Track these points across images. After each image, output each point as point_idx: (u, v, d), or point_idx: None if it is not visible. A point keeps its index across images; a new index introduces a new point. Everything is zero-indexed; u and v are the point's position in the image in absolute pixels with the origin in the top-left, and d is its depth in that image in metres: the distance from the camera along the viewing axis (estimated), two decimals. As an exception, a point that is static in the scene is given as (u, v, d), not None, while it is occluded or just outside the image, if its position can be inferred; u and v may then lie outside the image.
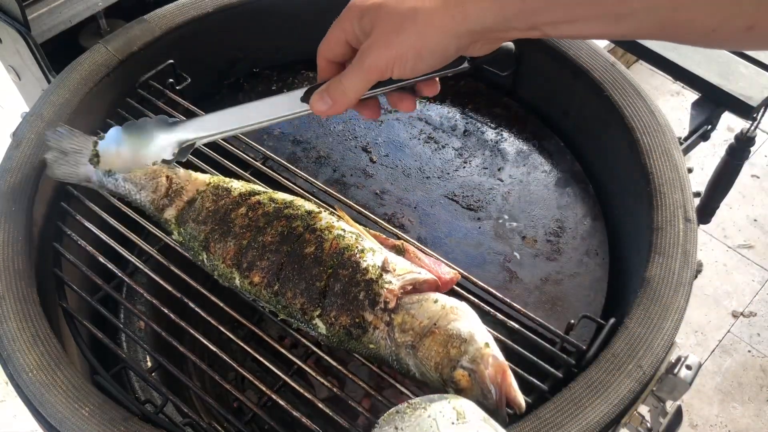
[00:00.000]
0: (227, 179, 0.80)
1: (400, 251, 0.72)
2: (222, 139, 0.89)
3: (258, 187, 0.79)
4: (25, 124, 0.84)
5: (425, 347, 0.63)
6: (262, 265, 0.70)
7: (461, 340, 0.62)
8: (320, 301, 0.67)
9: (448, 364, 0.61)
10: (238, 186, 0.78)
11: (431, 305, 0.65)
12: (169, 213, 0.78)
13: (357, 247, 0.69)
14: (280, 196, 0.77)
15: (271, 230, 0.71)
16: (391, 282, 0.66)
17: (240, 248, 0.72)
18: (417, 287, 0.68)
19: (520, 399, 0.61)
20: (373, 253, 0.69)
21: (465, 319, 0.64)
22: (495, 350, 0.62)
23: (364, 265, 0.68)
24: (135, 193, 0.79)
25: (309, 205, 0.75)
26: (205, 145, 0.87)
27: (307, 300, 0.68)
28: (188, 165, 0.86)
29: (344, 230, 0.72)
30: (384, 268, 0.67)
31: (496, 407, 0.60)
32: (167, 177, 0.79)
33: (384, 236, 0.75)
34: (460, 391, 0.61)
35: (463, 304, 0.67)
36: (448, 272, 0.70)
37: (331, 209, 0.78)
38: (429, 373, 0.63)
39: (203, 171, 0.85)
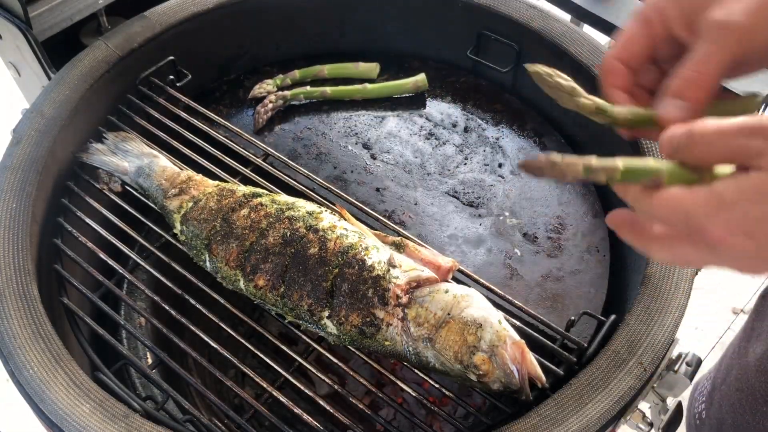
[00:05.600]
0: (233, 186, 0.81)
1: (399, 247, 0.72)
2: (222, 136, 0.90)
3: (261, 190, 0.80)
4: (26, 120, 0.84)
5: (442, 338, 0.64)
6: (266, 267, 0.71)
7: (476, 325, 0.64)
8: (328, 301, 0.68)
9: (467, 351, 0.63)
10: (242, 189, 0.79)
11: (443, 296, 0.66)
12: (175, 204, 0.79)
13: (361, 245, 0.70)
14: (282, 198, 0.77)
15: (274, 232, 0.72)
16: (398, 277, 0.67)
17: (243, 250, 0.72)
18: (420, 284, 0.68)
19: (540, 373, 0.63)
20: (377, 250, 0.70)
21: (476, 305, 0.66)
22: (509, 329, 0.65)
23: (369, 262, 0.68)
24: (156, 188, 0.82)
25: (310, 206, 0.75)
26: (205, 142, 0.88)
27: (314, 301, 0.68)
28: (190, 163, 0.86)
29: (347, 229, 0.72)
30: (390, 264, 0.68)
31: (519, 386, 0.62)
32: (187, 175, 0.82)
33: (384, 234, 0.75)
34: (482, 376, 0.62)
35: (472, 290, 0.68)
36: (446, 261, 0.71)
37: (332, 207, 0.78)
38: (449, 362, 0.64)
39: (205, 169, 0.85)
